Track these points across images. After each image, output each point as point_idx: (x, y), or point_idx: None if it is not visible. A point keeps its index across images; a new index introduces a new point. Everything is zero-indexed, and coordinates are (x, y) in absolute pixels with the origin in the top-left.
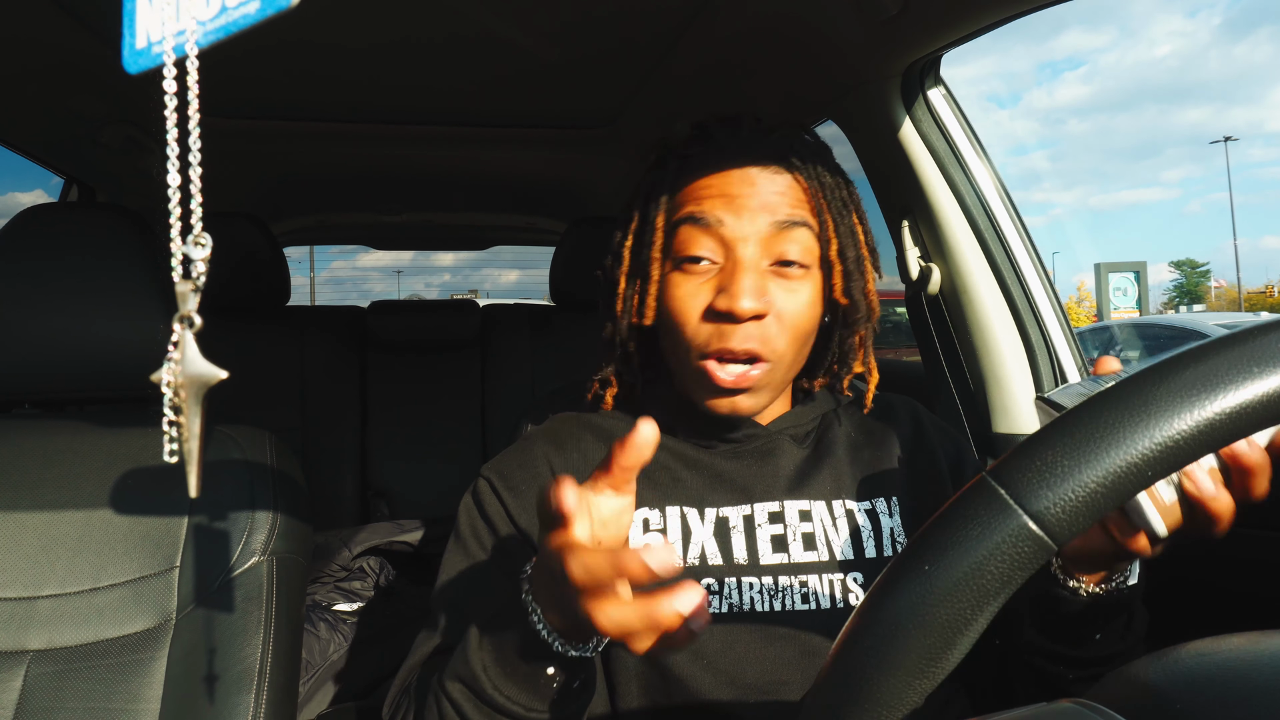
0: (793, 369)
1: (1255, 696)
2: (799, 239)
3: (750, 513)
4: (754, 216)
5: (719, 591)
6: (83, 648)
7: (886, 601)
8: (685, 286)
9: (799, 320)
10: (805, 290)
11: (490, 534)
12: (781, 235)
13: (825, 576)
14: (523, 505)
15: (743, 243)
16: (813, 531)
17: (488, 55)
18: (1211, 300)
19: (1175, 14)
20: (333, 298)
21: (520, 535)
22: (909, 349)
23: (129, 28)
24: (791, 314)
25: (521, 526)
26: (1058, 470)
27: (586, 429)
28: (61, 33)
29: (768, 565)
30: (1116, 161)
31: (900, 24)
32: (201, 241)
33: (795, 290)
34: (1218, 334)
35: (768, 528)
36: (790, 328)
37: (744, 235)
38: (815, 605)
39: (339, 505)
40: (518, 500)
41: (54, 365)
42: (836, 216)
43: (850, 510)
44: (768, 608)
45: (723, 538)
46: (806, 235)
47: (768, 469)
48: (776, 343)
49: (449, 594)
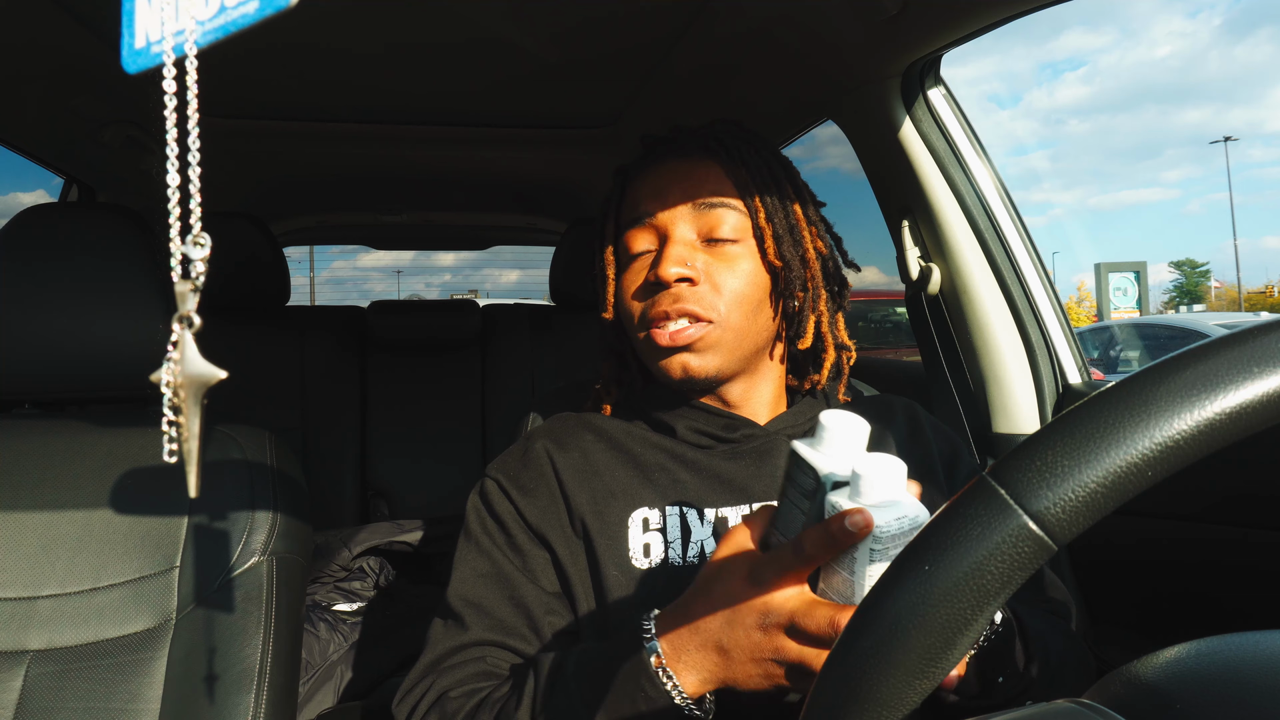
0: (744, 335)
1: (1255, 696)
2: (726, 217)
3: (750, 512)
4: (679, 201)
5: None
6: (83, 648)
7: (886, 601)
8: (628, 276)
9: (737, 286)
10: (741, 260)
11: (501, 532)
12: (709, 215)
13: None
14: (532, 504)
15: (671, 225)
16: None
17: (489, 56)
18: (1211, 300)
19: (1176, 15)
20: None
21: (530, 533)
22: (909, 349)
23: (128, 27)
24: (728, 281)
25: (532, 524)
26: (1058, 470)
27: (587, 428)
28: (62, 33)
29: None
30: (1117, 162)
31: (900, 24)
32: (201, 241)
33: (730, 260)
34: (1218, 334)
35: None
36: (729, 293)
37: (672, 219)
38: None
39: (339, 505)
40: (526, 499)
41: (54, 365)
42: (762, 190)
43: None
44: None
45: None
46: (733, 214)
47: (766, 469)
48: (715, 303)
49: (466, 591)
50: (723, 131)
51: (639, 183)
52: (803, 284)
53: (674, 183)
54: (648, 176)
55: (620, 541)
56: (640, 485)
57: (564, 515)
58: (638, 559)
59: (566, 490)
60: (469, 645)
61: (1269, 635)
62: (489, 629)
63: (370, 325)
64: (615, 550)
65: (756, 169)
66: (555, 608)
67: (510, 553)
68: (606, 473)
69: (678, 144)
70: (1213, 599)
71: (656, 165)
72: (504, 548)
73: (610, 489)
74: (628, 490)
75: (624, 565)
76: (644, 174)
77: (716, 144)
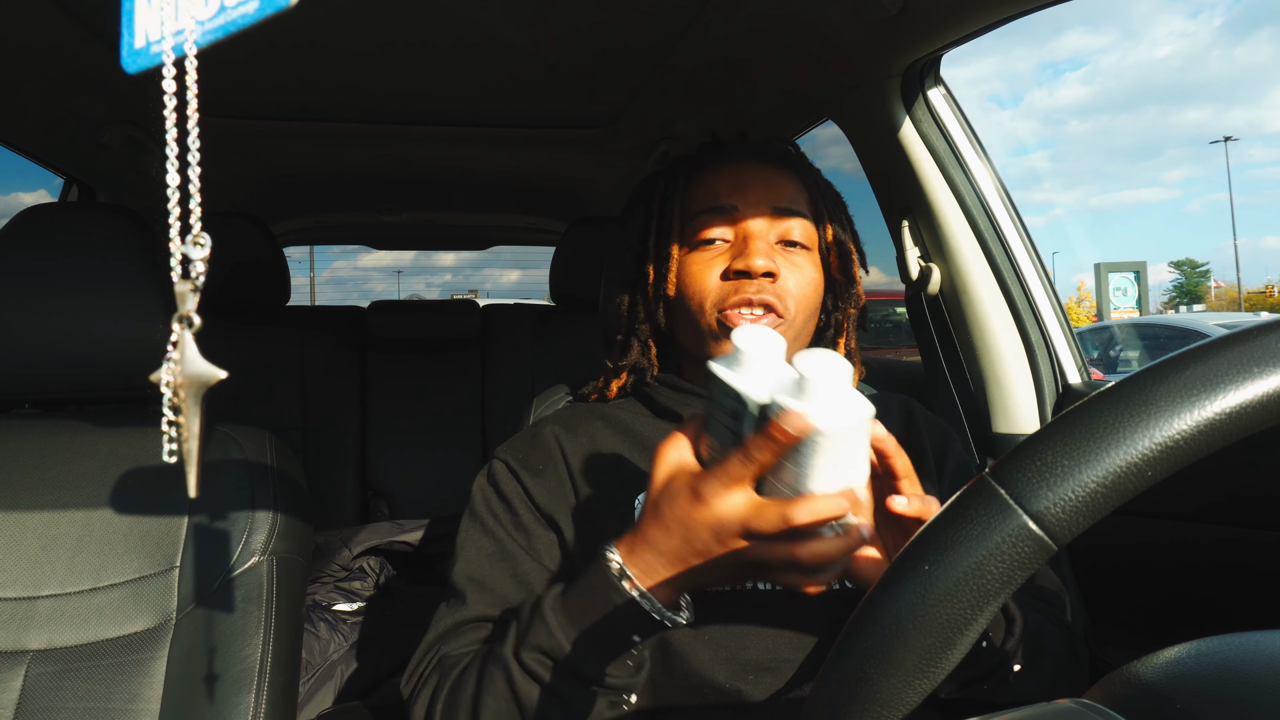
0: (800, 335)
1: (1255, 696)
2: (799, 224)
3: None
4: (761, 202)
5: None
6: (83, 648)
7: (887, 601)
8: (702, 260)
9: (804, 290)
10: (808, 266)
11: (507, 511)
12: (784, 220)
13: None
14: (540, 484)
15: (753, 221)
16: None
17: (489, 57)
18: (1211, 300)
19: (1177, 15)
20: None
21: (538, 514)
22: (909, 349)
23: (128, 27)
24: (797, 283)
25: (540, 505)
26: (1058, 470)
27: (596, 415)
28: (61, 33)
29: None
30: (1117, 162)
31: (900, 24)
32: (200, 241)
33: (799, 265)
34: (1218, 334)
35: None
36: (797, 296)
37: (755, 214)
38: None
39: (339, 505)
40: (535, 479)
41: (54, 365)
42: (830, 209)
43: None
44: (768, 586)
45: None
46: (805, 223)
47: None
48: (788, 301)
49: (470, 570)
50: (791, 145)
51: (716, 174)
52: (852, 301)
53: (756, 181)
54: (726, 170)
55: (629, 523)
56: (648, 467)
57: (571, 499)
58: None
59: (574, 475)
60: (471, 621)
61: (1269, 635)
62: (490, 605)
63: (370, 325)
64: (624, 532)
65: (825, 191)
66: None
67: (515, 531)
68: (614, 457)
69: (753, 148)
70: (1213, 599)
71: (735, 163)
72: (509, 527)
73: (619, 472)
74: (635, 473)
75: None
76: (721, 168)
77: (795, 159)
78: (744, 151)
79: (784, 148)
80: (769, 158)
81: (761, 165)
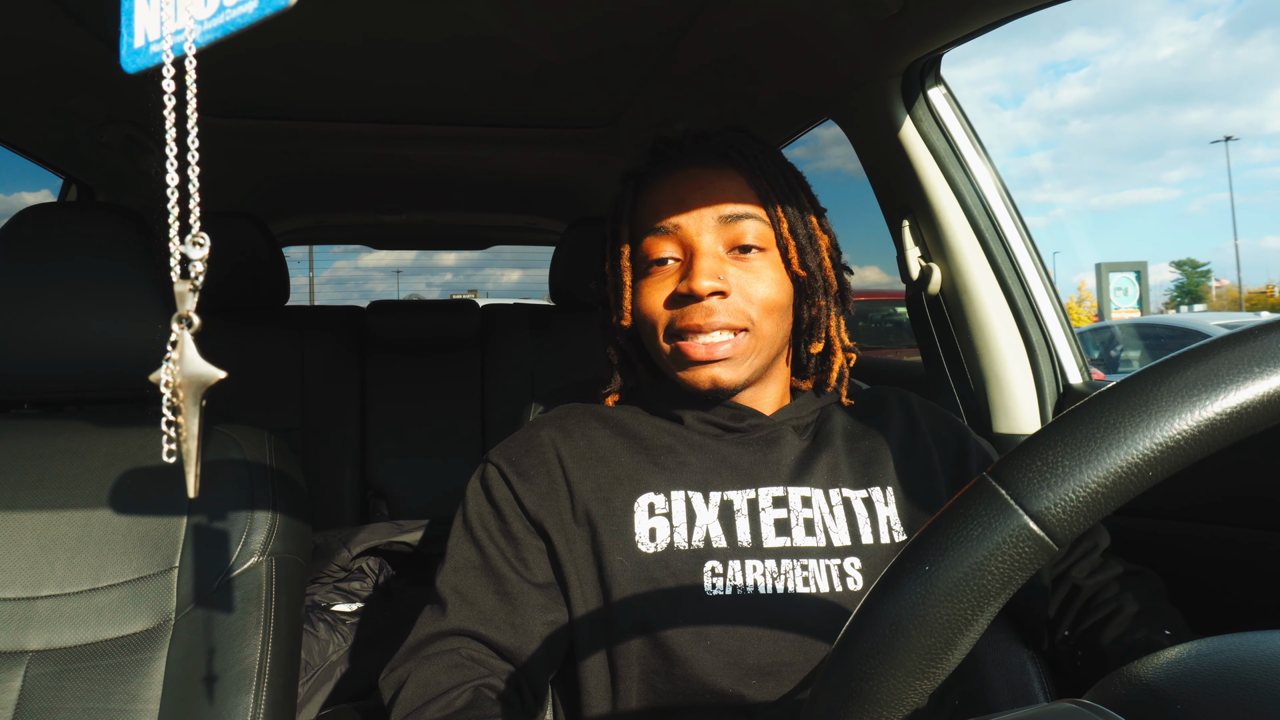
0: (773, 342)
1: (1255, 696)
2: (750, 226)
3: (754, 497)
4: (704, 212)
5: (723, 574)
6: (82, 648)
7: (887, 601)
8: (651, 284)
9: (766, 295)
10: (766, 269)
11: (496, 519)
12: (733, 225)
13: (824, 561)
14: (531, 490)
15: (698, 236)
16: (813, 517)
17: (489, 56)
18: (1212, 300)
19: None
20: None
21: (526, 521)
22: (909, 349)
23: (127, 27)
24: (757, 291)
25: (529, 512)
26: (1058, 470)
27: (593, 416)
28: (61, 32)
29: (770, 549)
30: (1118, 162)
31: (900, 23)
32: (200, 241)
33: (756, 270)
34: (1218, 334)
35: (771, 512)
36: (759, 302)
37: (698, 230)
38: (815, 589)
39: (339, 505)
40: (525, 485)
41: (53, 365)
42: (783, 200)
43: (848, 498)
44: (770, 590)
45: (727, 521)
46: (756, 223)
47: (771, 456)
48: (747, 313)
49: (455, 580)
50: (740, 139)
51: (658, 189)
52: (823, 292)
53: (696, 191)
54: (667, 184)
55: (626, 527)
56: (646, 470)
57: (564, 503)
58: (644, 544)
59: (570, 478)
60: (447, 634)
61: (1269, 635)
62: (467, 619)
63: (370, 325)
64: (621, 536)
65: (775, 179)
66: (543, 600)
67: (503, 541)
68: (612, 458)
69: (695, 151)
70: (1213, 599)
71: (676, 172)
72: (497, 535)
73: (616, 474)
74: (634, 475)
75: (630, 551)
76: (662, 181)
77: (737, 153)
78: (686, 158)
79: (724, 144)
80: (710, 159)
81: (703, 169)
